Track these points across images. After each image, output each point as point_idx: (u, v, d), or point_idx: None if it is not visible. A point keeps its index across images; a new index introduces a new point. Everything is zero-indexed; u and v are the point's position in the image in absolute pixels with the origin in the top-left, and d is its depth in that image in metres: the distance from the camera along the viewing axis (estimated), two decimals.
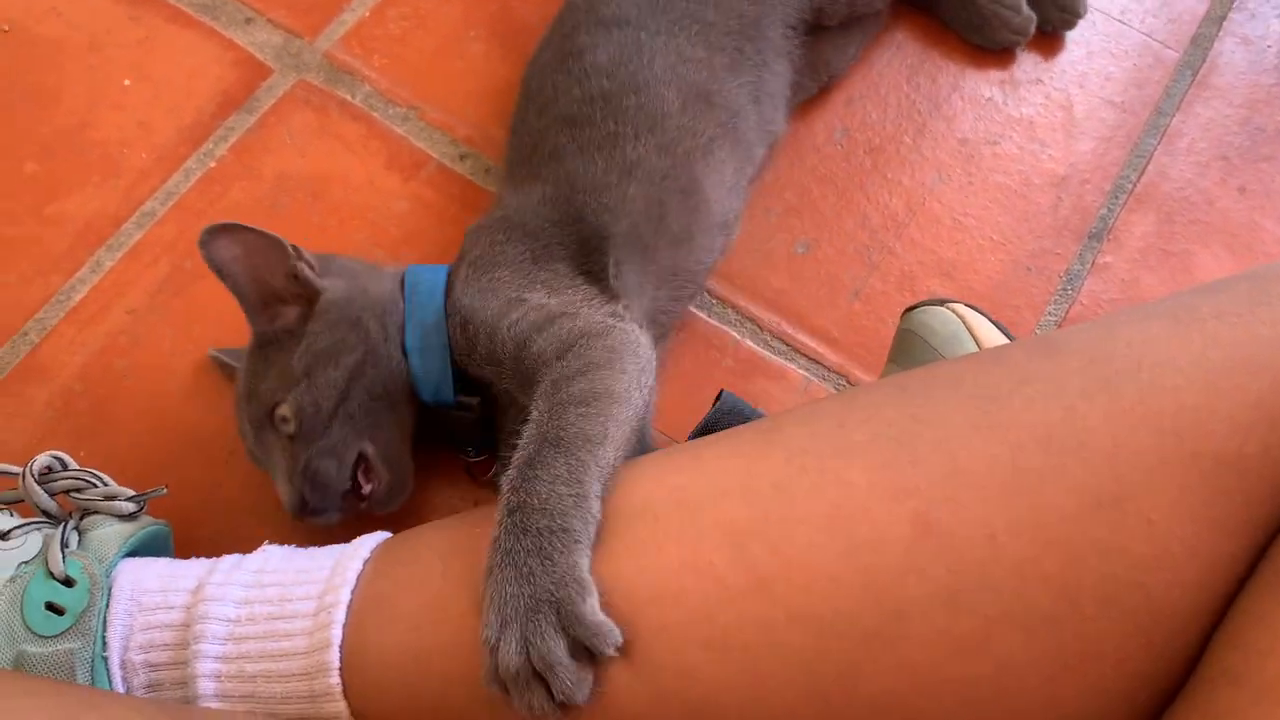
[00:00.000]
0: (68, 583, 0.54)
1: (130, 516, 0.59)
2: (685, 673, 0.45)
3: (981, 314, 0.61)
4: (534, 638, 0.44)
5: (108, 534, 0.57)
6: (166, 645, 0.53)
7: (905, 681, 0.43)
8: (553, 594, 0.45)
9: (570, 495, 0.48)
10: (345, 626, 0.50)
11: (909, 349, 0.62)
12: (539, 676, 0.44)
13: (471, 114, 0.82)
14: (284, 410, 0.59)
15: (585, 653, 0.45)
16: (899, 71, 0.85)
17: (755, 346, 0.75)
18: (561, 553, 0.46)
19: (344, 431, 0.59)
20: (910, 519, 0.44)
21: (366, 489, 0.60)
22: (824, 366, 0.74)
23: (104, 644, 0.53)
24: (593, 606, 0.45)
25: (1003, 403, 0.45)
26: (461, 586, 0.49)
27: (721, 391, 0.65)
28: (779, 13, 0.74)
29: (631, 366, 0.56)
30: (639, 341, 0.58)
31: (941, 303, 0.62)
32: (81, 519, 0.58)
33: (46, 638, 0.52)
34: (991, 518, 0.43)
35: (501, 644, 0.45)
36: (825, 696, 0.44)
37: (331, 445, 0.59)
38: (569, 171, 0.66)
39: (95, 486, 0.60)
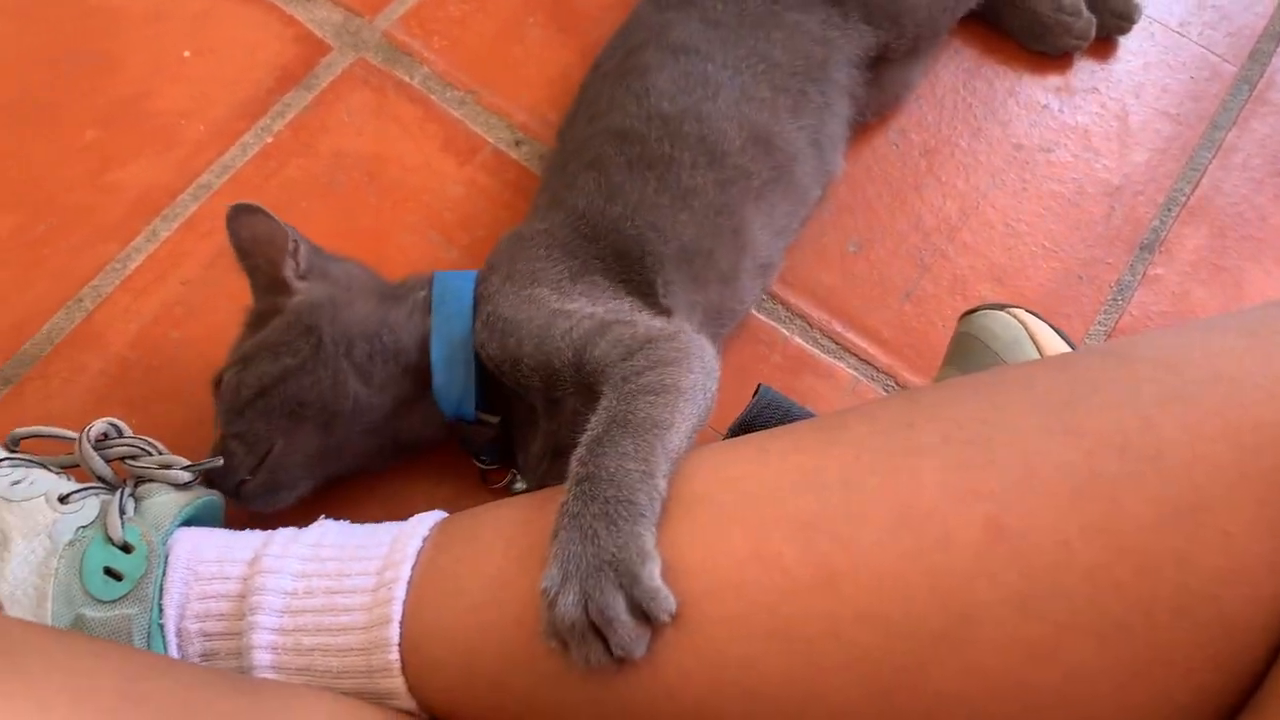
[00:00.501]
0: (125, 549, 0.54)
1: (184, 486, 0.59)
2: (746, 662, 0.45)
3: (1042, 320, 0.61)
4: (593, 592, 0.45)
5: (164, 502, 0.57)
6: (222, 615, 0.53)
7: (972, 685, 0.43)
8: (615, 556, 0.45)
9: (637, 471, 0.48)
10: (405, 603, 0.50)
11: (968, 353, 0.61)
12: (596, 631, 0.45)
13: (529, 100, 0.81)
14: (224, 383, 0.61)
15: (642, 617, 0.45)
16: (955, 74, 0.85)
17: (804, 344, 0.75)
18: (626, 520, 0.47)
19: (259, 424, 0.60)
20: (982, 522, 0.44)
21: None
22: (873, 367, 0.74)
23: (160, 611, 0.53)
24: (652, 572, 0.45)
25: (1076, 408, 0.45)
26: (523, 567, 0.49)
27: (760, 385, 0.65)
28: (845, 53, 0.73)
29: (699, 367, 0.55)
30: (704, 347, 0.58)
31: (1002, 307, 0.62)
32: (137, 486, 0.59)
33: (105, 602, 0.53)
34: (1065, 524, 0.43)
35: (560, 597, 0.45)
36: (888, 696, 0.44)
37: (242, 432, 0.60)
38: (611, 184, 0.65)
39: (150, 454, 0.60)
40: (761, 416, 0.63)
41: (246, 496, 0.61)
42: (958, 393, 0.49)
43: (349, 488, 0.65)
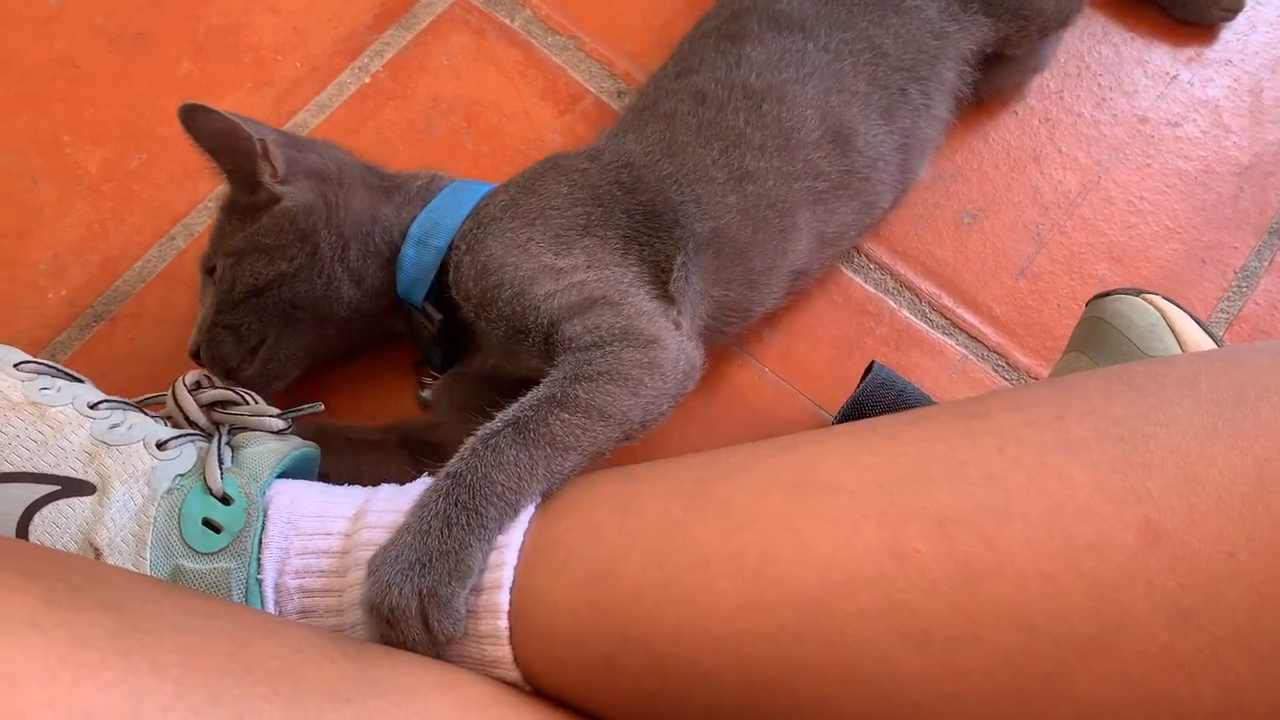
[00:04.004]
0: (224, 500, 0.53)
1: (279, 434, 0.58)
2: (879, 661, 0.43)
3: (1181, 309, 0.58)
4: (400, 585, 0.47)
5: (262, 453, 0.56)
6: (322, 572, 0.52)
7: (1116, 694, 0.41)
8: (432, 558, 0.47)
9: (503, 485, 0.49)
10: (516, 569, 0.49)
11: (1101, 339, 0.58)
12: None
13: (632, 49, 0.78)
14: (217, 274, 0.61)
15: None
16: (1081, 40, 0.81)
17: (912, 318, 0.72)
18: (463, 529, 0.48)
19: (251, 318, 0.60)
20: (1139, 526, 0.41)
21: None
22: (983, 345, 0.71)
23: (258, 566, 0.52)
24: (456, 590, 0.47)
25: (1246, 410, 0.42)
26: (635, 542, 0.47)
27: (873, 363, 0.63)
28: (960, 49, 0.68)
29: (654, 385, 0.54)
30: (678, 361, 0.55)
31: (1138, 292, 0.59)
32: (232, 435, 0.57)
33: (204, 554, 0.51)
34: (1230, 532, 0.40)
35: (377, 574, 0.48)
36: (1028, 703, 0.42)
37: (235, 324, 0.60)
38: (673, 140, 0.62)
39: (245, 404, 0.59)
40: (875, 396, 0.61)
41: (244, 383, 0.61)
42: (1111, 385, 0.46)
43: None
